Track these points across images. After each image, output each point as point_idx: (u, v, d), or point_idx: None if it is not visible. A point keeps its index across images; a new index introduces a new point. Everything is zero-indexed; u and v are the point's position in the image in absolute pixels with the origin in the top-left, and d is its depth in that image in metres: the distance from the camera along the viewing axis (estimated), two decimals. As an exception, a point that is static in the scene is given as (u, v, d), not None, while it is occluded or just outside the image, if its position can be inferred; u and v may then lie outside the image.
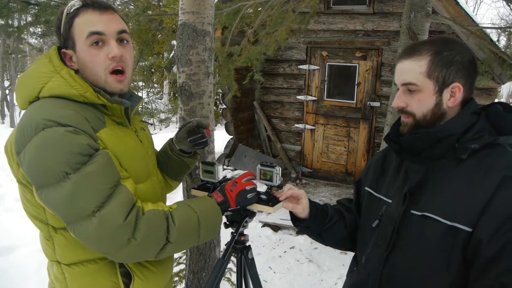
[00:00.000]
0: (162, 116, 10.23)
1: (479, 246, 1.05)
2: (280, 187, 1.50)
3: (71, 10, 1.23)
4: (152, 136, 1.66)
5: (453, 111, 1.21)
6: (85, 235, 1.14)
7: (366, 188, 1.47)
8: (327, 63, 6.05)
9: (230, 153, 6.48)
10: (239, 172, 6.00)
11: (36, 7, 2.32)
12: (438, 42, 1.22)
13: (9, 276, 3.48)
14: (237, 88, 4.34)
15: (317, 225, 1.51)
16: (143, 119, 1.60)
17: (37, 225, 1.29)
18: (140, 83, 12.27)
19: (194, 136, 1.61)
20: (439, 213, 1.14)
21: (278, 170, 1.46)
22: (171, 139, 1.68)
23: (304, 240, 4.48)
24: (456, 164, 1.17)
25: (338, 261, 3.98)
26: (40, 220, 1.26)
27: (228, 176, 5.94)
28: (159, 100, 13.16)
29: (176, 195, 4.75)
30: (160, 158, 1.67)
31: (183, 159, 1.66)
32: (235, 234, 1.45)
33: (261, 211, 1.45)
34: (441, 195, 1.16)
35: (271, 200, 1.46)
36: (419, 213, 1.18)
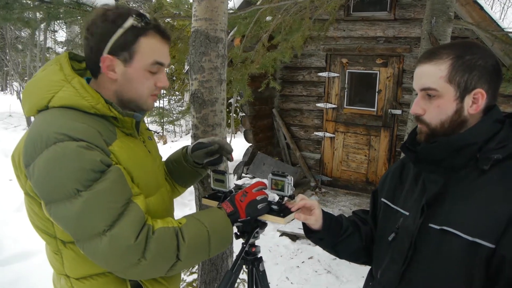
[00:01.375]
0: (181, 122, 10.35)
1: (503, 264, 0.98)
2: (292, 197, 1.45)
3: (139, 26, 1.20)
4: (173, 143, 1.67)
5: (474, 118, 1.14)
6: (94, 254, 1.11)
7: (382, 199, 1.40)
8: (347, 70, 5.97)
9: (248, 161, 6.45)
10: (257, 180, 5.96)
11: (51, 5, 2.33)
12: (460, 45, 1.15)
13: (27, 281, 3.52)
14: (250, 93, 4.29)
15: (331, 236, 1.45)
16: (148, 128, 1.58)
17: (44, 238, 1.26)
18: (162, 91, 12.44)
19: (212, 158, 1.62)
20: (459, 228, 1.06)
21: (290, 179, 1.41)
22: (184, 149, 1.65)
23: (323, 250, 4.38)
24: (477, 175, 1.09)
25: (358, 273, 3.88)
26: (47, 234, 1.23)
27: (247, 183, 5.91)
28: (180, 108, 13.29)
29: (193, 202, 4.75)
30: (172, 166, 1.64)
31: (196, 169, 1.64)
32: (244, 245, 1.41)
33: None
34: (462, 208, 1.08)
35: (282, 211, 1.41)
36: (437, 227, 1.11)
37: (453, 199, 1.11)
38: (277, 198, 1.45)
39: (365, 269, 1.50)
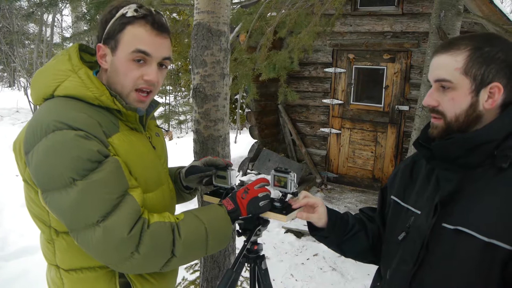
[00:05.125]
0: (182, 117, 10.30)
1: None
2: (295, 194, 1.41)
3: (128, 15, 1.18)
4: (179, 139, 1.63)
5: (491, 114, 1.08)
6: (87, 244, 1.09)
7: (392, 196, 1.35)
8: (354, 66, 5.91)
9: (254, 157, 6.41)
10: (262, 176, 5.92)
11: None
12: (479, 37, 1.09)
13: (33, 275, 3.52)
14: (256, 91, 4.20)
15: (336, 235, 1.40)
16: (158, 125, 1.55)
17: (39, 226, 1.25)
18: (168, 87, 12.44)
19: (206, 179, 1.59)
20: (475, 228, 1.01)
21: (293, 176, 1.37)
22: (178, 170, 1.61)
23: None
24: (495, 173, 1.04)
25: (363, 270, 3.83)
26: (42, 222, 1.22)
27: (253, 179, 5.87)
28: (186, 105, 13.27)
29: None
30: None
31: (183, 194, 1.61)
32: (246, 243, 1.37)
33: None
34: (478, 208, 1.03)
35: (285, 208, 1.37)
36: (451, 227, 1.06)
37: (469, 198, 1.06)
38: (280, 195, 1.42)
39: (370, 267, 1.46)
